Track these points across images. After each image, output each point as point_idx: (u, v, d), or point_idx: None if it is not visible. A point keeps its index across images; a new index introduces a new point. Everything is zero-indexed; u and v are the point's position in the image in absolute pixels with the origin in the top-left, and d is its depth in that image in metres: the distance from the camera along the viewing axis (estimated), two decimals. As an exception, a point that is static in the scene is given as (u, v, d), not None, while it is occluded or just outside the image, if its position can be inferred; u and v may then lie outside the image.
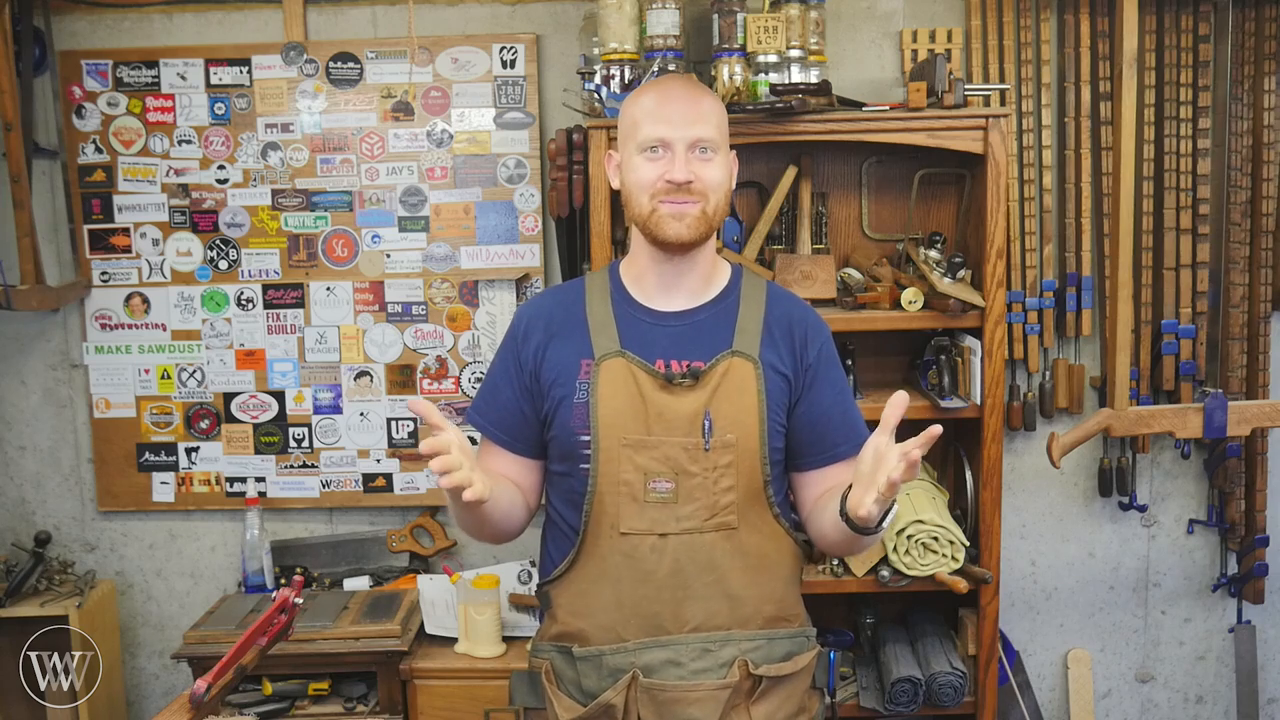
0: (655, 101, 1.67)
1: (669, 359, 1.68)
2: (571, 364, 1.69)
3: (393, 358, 2.90)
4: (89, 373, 2.92)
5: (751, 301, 1.74)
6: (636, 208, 1.67)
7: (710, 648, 1.65)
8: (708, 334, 1.70)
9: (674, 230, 1.64)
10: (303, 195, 2.85)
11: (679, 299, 1.72)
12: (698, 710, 1.62)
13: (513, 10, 2.81)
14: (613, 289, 1.75)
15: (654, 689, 1.62)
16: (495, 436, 1.75)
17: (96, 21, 2.84)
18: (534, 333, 1.73)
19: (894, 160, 2.65)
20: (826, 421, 1.72)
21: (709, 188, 1.64)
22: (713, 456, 1.64)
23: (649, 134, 1.64)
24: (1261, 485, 2.82)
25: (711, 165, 1.65)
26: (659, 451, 1.64)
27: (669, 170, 1.63)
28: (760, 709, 1.67)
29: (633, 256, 1.76)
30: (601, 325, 1.70)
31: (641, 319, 1.71)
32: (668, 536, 1.64)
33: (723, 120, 1.70)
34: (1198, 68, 2.69)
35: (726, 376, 1.66)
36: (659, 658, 1.63)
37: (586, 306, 1.73)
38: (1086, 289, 2.75)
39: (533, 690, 1.75)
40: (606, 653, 1.65)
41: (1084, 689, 2.96)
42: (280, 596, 1.83)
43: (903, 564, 2.42)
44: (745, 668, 1.65)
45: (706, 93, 1.70)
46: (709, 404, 1.64)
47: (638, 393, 1.65)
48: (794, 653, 1.72)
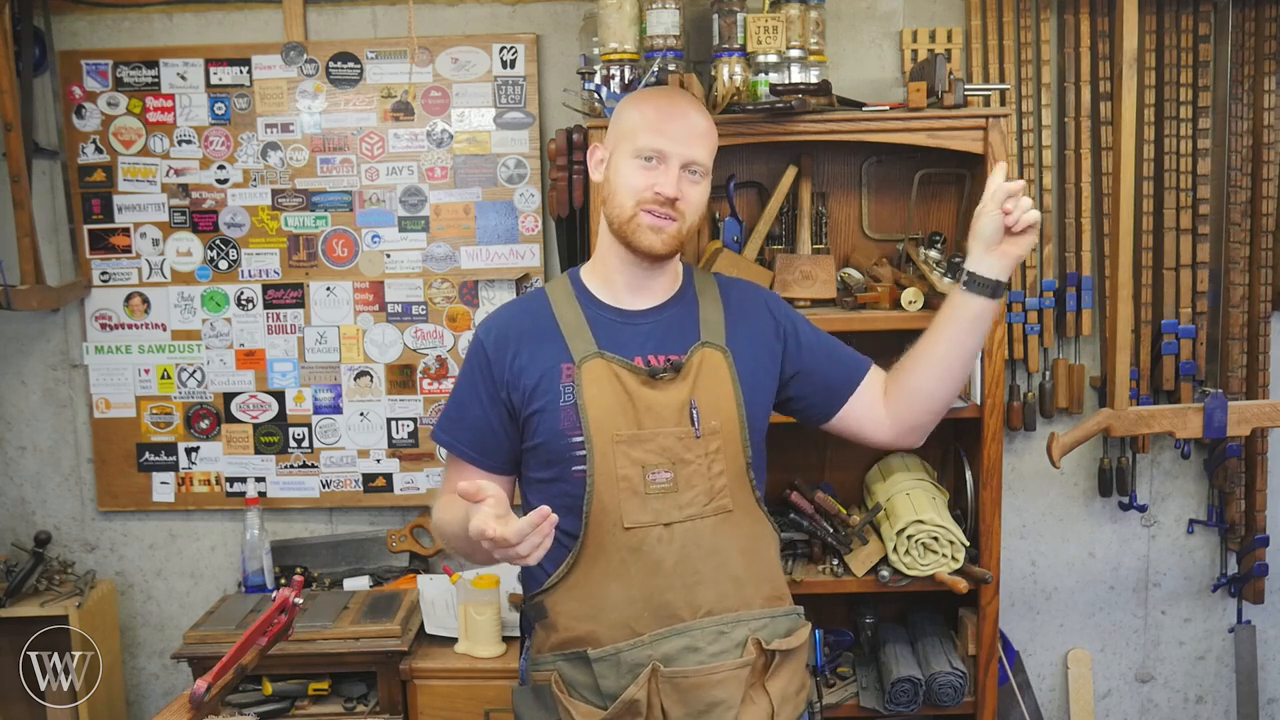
0: (657, 113, 1.70)
1: (645, 355, 1.72)
2: (551, 369, 1.71)
3: (393, 358, 2.90)
4: (89, 373, 2.93)
5: (707, 294, 1.81)
6: (617, 209, 1.70)
7: (724, 629, 1.67)
8: (676, 328, 1.75)
9: (649, 242, 1.68)
10: (303, 195, 2.85)
11: (647, 297, 1.77)
12: (721, 691, 1.64)
13: (513, 10, 2.81)
14: (578, 294, 1.78)
15: (676, 677, 1.63)
16: (465, 455, 1.77)
17: (96, 21, 2.84)
18: (504, 344, 1.74)
19: (894, 160, 2.65)
20: (830, 359, 1.83)
21: (690, 209, 1.70)
22: (704, 443, 1.69)
23: (647, 143, 1.67)
24: (1261, 485, 2.82)
25: (698, 188, 1.71)
26: (654, 444, 1.67)
27: (659, 183, 1.67)
28: (775, 685, 1.71)
29: (600, 259, 1.79)
30: (575, 329, 1.73)
31: (612, 319, 1.75)
32: (672, 525, 1.66)
33: (715, 144, 1.76)
34: (1198, 68, 2.69)
35: (702, 367, 1.72)
36: (676, 646, 1.65)
37: (555, 313, 1.75)
38: (1086, 289, 2.75)
39: (540, 704, 1.73)
40: (623, 649, 1.65)
41: (1084, 689, 2.96)
42: (280, 596, 1.83)
43: (903, 564, 2.42)
44: (758, 645, 1.69)
45: (704, 113, 1.75)
46: (692, 393, 1.70)
47: (623, 390, 1.68)
48: (793, 628, 1.76)
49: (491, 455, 1.76)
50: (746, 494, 1.74)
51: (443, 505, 1.76)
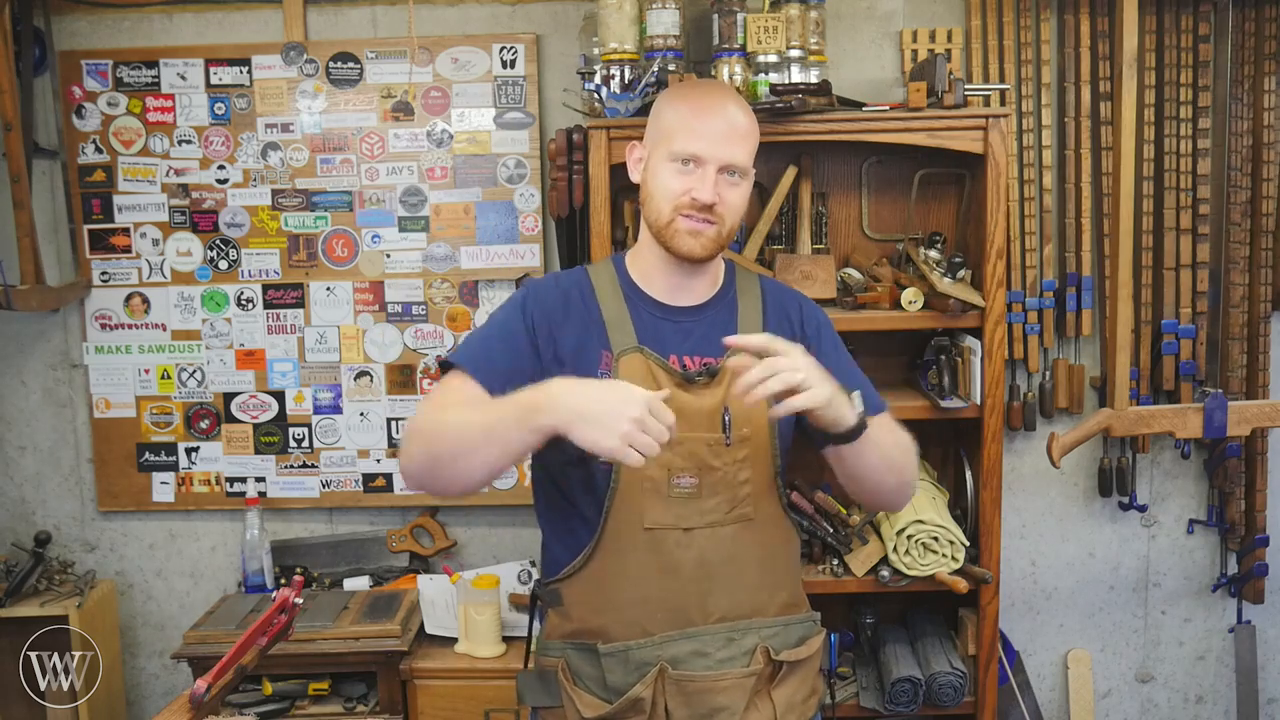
0: (694, 112, 1.65)
1: (681, 355, 1.70)
2: (590, 354, 1.67)
3: (393, 358, 2.90)
4: (89, 373, 2.92)
5: (748, 296, 1.78)
6: (655, 214, 1.67)
7: (734, 636, 1.68)
8: (717, 330, 1.71)
9: (688, 247, 1.65)
10: (303, 195, 2.85)
11: (687, 296, 1.74)
12: (725, 698, 1.65)
13: (513, 10, 2.81)
14: (621, 282, 1.75)
15: (682, 680, 1.64)
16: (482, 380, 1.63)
17: (96, 21, 2.84)
18: (549, 314, 1.69)
19: (894, 160, 2.65)
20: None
21: (730, 211, 1.66)
22: (733, 451, 1.67)
23: (683, 147, 1.63)
24: (1261, 485, 2.82)
25: (737, 190, 1.67)
26: (683, 448, 1.64)
27: (696, 189, 1.63)
28: (781, 693, 1.71)
29: (641, 252, 1.76)
30: (617, 318, 1.70)
31: (653, 313, 1.72)
32: (692, 530, 1.66)
33: (756, 141, 1.70)
34: (1198, 68, 2.69)
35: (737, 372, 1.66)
36: (685, 649, 1.65)
37: (598, 298, 1.72)
38: (1086, 289, 2.75)
39: (545, 689, 1.74)
40: (633, 647, 1.66)
41: (1084, 689, 2.96)
42: (280, 596, 1.83)
43: (903, 564, 2.42)
44: (767, 654, 1.69)
45: (745, 109, 1.69)
46: (725, 399, 1.66)
47: (657, 389, 1.63)
48: (806, 637, 1.76)
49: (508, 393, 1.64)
50: (773, 502, 1.72)
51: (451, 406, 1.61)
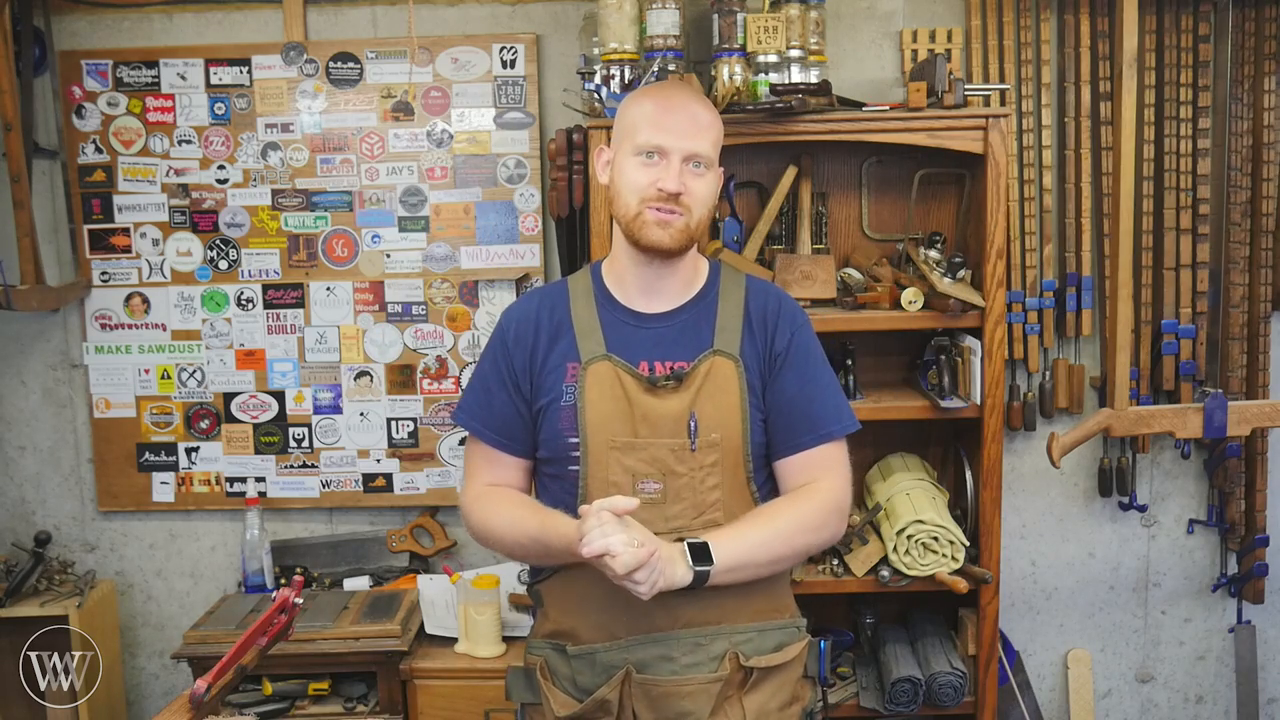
0: (656, 109, 1.68)
1: (652, 360, 1.71)
2: (559, 367, 1.71)
3: (393, 358, 2.90)
4: (89, 373, 2.92)
5: (730, 298, 1.77)
6: (623, 208, 1.69)
7: (701, 642, 1.67)
8: (690, 334, 1.72)
9: (656, 237, 1.66)
10: (303, 195, 2.85)
11: (660, 301, 1.75)
12: (690, 703, 1.65)
13: (513, 10, 2.81)
14: (595, 290, 1.77)
15: (647, 684, 1.65)
16: (490, 439, 1.76)
17: (96, 21, 2.84)
18: (524, 336, 1.75)
19: (894, 160, 2.65)
20: (790, 410, 1.72)
21: (696, 202, 1.67)
22: (699, 456, 1.67)
23: (647, 140, 1.66)
24: (1261, 485, 2.82)
25: (702, 180, 1.68)
26: (646, 453, 1.67)
27: (662, 179, 1.65)
28: (753, 699, 1.70)
29: (614, 258, 1.78)
30: (587, 328, 1.73)
31: (625, 321, 1.74)
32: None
33: (719, 135, 1.73)
34: (1198, 68, 2.69)
35: (709, 376, 1.69)
36: (652, 654, 1.66)
37: (571, 309, 1.75)
38: (1086, 289, 2.75)
39: (529, 686, 1.77)
40: (600, 650, 1.68)
41: (1084, 689, 2.96)
42: (280, 596, 1.83)
43: (903, 564, 2.42)
44: (736, 660, 1.68)
45: (707, 106, 1.72)
46: (693, 405, 1.67)
47: (624, 395, 1.68)
48: (784, 643, 1.74)
49: (516, 441, 1.76)
50: (745, 508, 1.70)
51: (489, 500, 1.74)
